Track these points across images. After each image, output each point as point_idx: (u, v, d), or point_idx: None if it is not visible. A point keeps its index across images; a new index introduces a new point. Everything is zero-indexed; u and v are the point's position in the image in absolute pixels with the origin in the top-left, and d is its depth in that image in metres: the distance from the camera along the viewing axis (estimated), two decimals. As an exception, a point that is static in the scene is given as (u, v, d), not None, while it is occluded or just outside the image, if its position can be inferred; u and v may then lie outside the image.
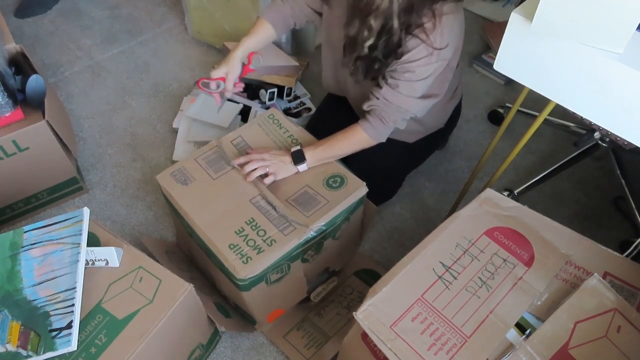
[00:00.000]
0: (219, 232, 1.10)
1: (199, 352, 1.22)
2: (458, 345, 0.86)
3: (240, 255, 1.06)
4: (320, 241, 1.18)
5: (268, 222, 1.11)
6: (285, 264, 1.13)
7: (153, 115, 1.85)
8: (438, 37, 1.06)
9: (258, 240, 1.08)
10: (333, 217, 1.14)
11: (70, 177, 1.54)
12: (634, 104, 0.84)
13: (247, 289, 1.10)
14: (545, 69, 0.92)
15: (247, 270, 1.05)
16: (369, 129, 1.20)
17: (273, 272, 1.12)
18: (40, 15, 2.25)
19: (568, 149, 1.71)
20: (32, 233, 1.04)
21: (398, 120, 1.19)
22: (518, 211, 1.07)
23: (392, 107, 1.16)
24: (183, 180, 1.18)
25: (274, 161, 1.19)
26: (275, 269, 1.11)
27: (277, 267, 1.12)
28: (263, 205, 1.14)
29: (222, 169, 1.21)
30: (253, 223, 1.11)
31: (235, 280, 1.08)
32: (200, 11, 1.98)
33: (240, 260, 1.05)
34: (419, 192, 1.65)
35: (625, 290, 0.97)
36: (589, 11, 0.80)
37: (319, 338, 1.29)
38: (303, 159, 1.20)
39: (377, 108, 1.17)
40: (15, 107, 1.37)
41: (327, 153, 1.22)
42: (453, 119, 1.51)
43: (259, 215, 1.12)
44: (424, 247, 0.99)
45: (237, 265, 1.05)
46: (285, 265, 1.14)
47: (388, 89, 1.14)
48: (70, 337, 0.91)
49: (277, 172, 1.19)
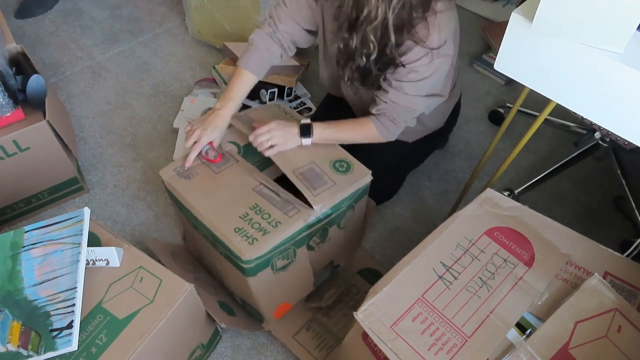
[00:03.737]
0: (223, 218, 1.10)
1: (200, 352, 1.22)
2: (458, 345, 0.86)
3: (245, 237, 1.06)
4: (325, 227, 1.18)
5: (272, 206, 1.12)
6: (291, 249, 1.13)
7: (153, 115, 1.86)
8: (435, 35, 1.06)
9: (263, 223, 1.09)
10: (339, 200, 1.14)
11: (70, 177, 1.54)
12: (634, 104, 0.84)
13: (253, 273, 1.10)
14: (545, 69, 0.92)
15: (252, 251, 1.05)
16: (381, 128, 1.21)
17: (279, 258, 1.12)
18: (40, 15, 2.25)
19: (568, 149, 1.71)
20: (32, 233, 1.04)
21: (408, 119, 1.20)
22: (518, 211, 1.07)
23: (401, 108, 1.16)
24: (186, 175, 1.19)
25: (280, 132, 1.18)
26: (281, 253, 1.11)
27: (283, 252, 1.12)
28: (266, 192, 1.15)
29: (224, 163, 1.22)
30: (257, 208, 1.12)
31: (241, 264, 1.07)
32: (201, 11, 1.98)
33: (246, 242, 1.06)
34: (420, 192, 1.65)
35: (625, 290, 0.97)
36: (589, 11, 0.80)
37: (329, 340, 1.28)
38: (310, 134, 1.19)
39: (387, 111, 1.18)
40: (15, 107, 1.37)
41: (335, 135, 1.22)
42: (453, 118, 1.51)
43: (263, 201, 1.13)
44: (424, 247, 0.99)
45: (243, 246, 1.05)
46: (291, 251, 1.14)
47: (394, 91, 1.14)
48: (71, 337, 0.91)
49: (282, 143, 1.18)
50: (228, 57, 1.87)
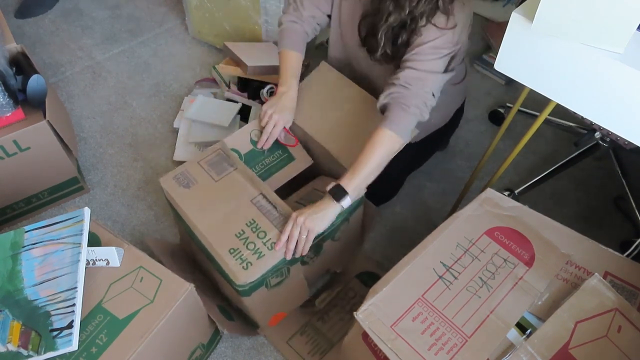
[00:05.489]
0: (219, 235, 1.09)
1: (200, 352, 1.22)
2: (459, 345, 0.86)
3: (240, 261, 1.06)
4: (319, 243, 1.18)
5: (269, 222, 1.11)
6: (284, 268, 1.13)
7: (154, 115, 1.86)
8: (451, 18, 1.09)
9: (258, 244, 1.08)
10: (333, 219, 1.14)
11: (71, 177, 1.54)
12: (634, 104, 0.84)
13: (248, 294, 1.10)
14: (545, 69, 0.92)
15: (247, 276, 1.05)
16: (392, 125, 1.12)
17: (273, 277, 1.12)
18: (41, 15, 2.25)
19: (568, 149, 1.71)
20: (33, 233, 1.04)
21: (419, 104, 1.13)
22: (518, 211, 1.07)
23: (412, 90, 1.12)
24: (185, 184, 1.18)
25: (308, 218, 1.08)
26: (274, 272, 1.11)
27: (277, 271, 1.12)
28: (264, 204, 1.14)
29: (224, 170, 1.21)
30: (254, 225, 1.11)
31: (235, 286, 1.08)
32: (201, 11, 1.98)
33: (241, 266, 1.05)
34: (420, 192, 1.65)
35: (625, 290, 0.97)
36: (589, 11, 0.80)
37: (322, 344, 1.28)
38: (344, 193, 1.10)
39: (396, 94, 1.13)
40: (16, 107, 1.37)
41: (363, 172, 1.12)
42: (455, 119, 1.51)
43: (260, 216, 1.12)
44: (424, 247, 0.99)
45: (237, 271, 1.05)
46: (285, 269, 1.14)
47: (408, 71, 1.12)
48: (71, 336, 0.91)
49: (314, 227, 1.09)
50: (228, 57, 1.87)
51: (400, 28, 1.13)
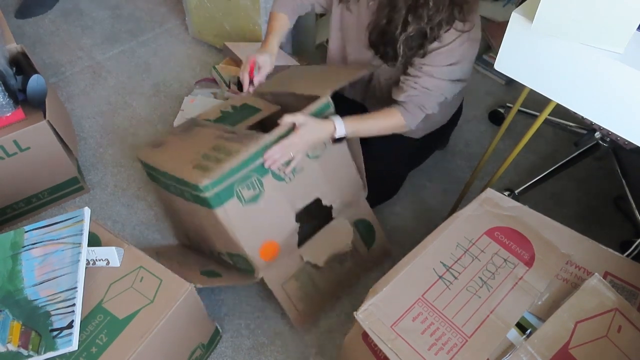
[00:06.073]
0: (185, 161, 1.15)
1: (200, 352, 1.22)
2: (459, 345, 0.86)
3: (201, 169, 1.08)
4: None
5: (232, 143, 1.14)
6: (254, 178, 1.12)
7: (154, 115, 1.86)
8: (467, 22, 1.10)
9: (220, 156, 1.11)
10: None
11: (71, 177, 1.54)
12: (634, 104, 0.84)
13: (219, 203, 1.08)
14: (545, 69, 0.92)
15: (207, 177, 1.05)
16: (408, 116, 1.21)
17: (242, 187, 1.11)
18: (41, 15, 2.25)
19: (568, 149, 1.71)
20: (33, 233, 1.04)
21: (435, 105, 1.21)
22: (519, 211, 1.07)
23: (431, 94, 1.18)
24: (156, 145, 1.30)
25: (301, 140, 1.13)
26: (243, 181, 1.11)
27: (245, 180, 1.11)
28: (230, 136, 1.18)
29: (191, 129, 1.29)
30: (218, 148, 1.15)
31: (202, 195, 1.07)
32: (201, 11, 1.98)
33: (201, 172, 1.07)
34: (420, 192, 1.65)
35: (625, 290, 0.97)
36: (589, 11, 0.80)
37: (312, 293, 1.31)
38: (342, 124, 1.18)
39: (416, 98, 1.19)
40: (16, 107, 1.37)
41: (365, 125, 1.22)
42: (456, 116, 1.51)
43: (224, 142, 1.16)
44: (424, 246, 0.99)
45: (198, 175, 1.06)
46: (256, 180, 1.13)
47: (425, 77, 1.16)
48: (71, 336, 0.91)
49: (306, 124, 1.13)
50: (228, 57, 1.87)
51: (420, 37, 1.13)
